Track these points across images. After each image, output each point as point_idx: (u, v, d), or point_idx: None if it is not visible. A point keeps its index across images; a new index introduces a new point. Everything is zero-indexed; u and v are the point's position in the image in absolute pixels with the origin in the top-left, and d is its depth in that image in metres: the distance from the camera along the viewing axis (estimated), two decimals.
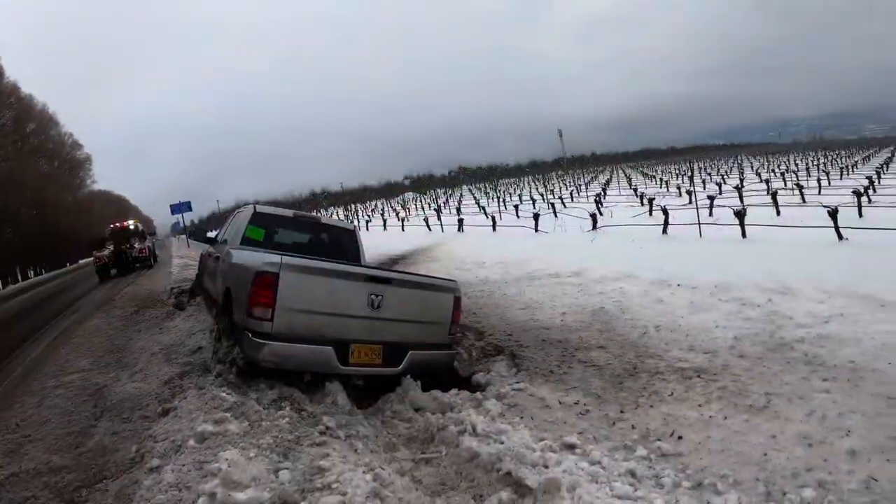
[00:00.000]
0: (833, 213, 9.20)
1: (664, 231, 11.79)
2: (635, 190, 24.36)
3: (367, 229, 29.56)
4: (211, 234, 7.86)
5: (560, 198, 25.13)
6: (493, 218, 17.99)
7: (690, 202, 14.31)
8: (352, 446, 3.84)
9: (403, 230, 23.46)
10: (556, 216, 17.73)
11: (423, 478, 3.64)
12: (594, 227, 13.78)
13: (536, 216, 15.68)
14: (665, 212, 12.11)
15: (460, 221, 18.87)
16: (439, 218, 21.59)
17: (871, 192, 15.32)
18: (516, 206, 21.78)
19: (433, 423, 4.22)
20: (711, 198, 15.22)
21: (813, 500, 2.95)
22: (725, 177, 31.55)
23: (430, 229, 20.61)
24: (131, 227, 26.37)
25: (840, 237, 8.83)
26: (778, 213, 13.24)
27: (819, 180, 21.34)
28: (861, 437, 3.42)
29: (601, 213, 15.99)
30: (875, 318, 5.11)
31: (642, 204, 17.93)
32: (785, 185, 21.09)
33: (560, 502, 3.12)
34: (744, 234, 10.19)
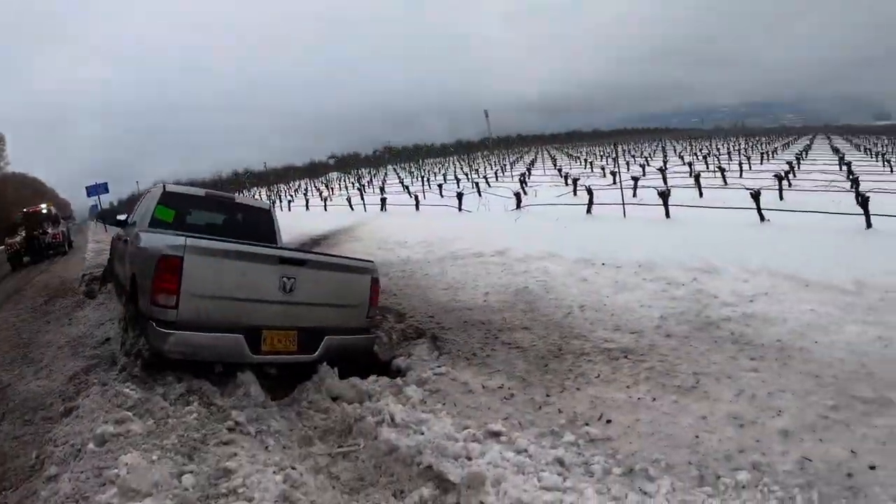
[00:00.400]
0: (756, 196, 9.60)
1: (588, 211, 12.01)
2: (560, 170, 24.81)
3: (290, 209, 29.48)
4: (122, 217, 7.62)
5: (485, 177, 25.41)
6: (417, 197, 18.09)
7: (615, 183, 14.66)
8: (262, 443, 3.69)
9: (326, 210, 23.56)
10: (480, 195, 17.87)
11: (340, 473, 3.49)
12: (518, 206, 13.95)
13: (460, 195, 15.80)
14: (590, 192, 12.33)
15: (383, 201, 19.06)
16: (362, 198, 21.94)
17: (791, 176, 16.23)
18: (440, 186, 21.97)
19: (350, 414, 4.09)
20: (635, 179, 15.64)
21: (748, 484, 2.94)
22: (649, 159, 32.69)
23: (352, 209, 20.76)
24: (44, 211, 24.91)
25: (762, 218, 9.22)
26: (701, 194, 13.77)
27: (741, 164, 22.52)
28: (792, 417, 3.47)
29: (525, 193, 16.17)
30: (800, 298, 5.29)
31: (567, 184, 18.24)
32: (707, 168, 22.04)
33: (485, 497, 2.99)
34: (668, 215, 10.49)
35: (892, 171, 21.10)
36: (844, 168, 18.55)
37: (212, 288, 4.23)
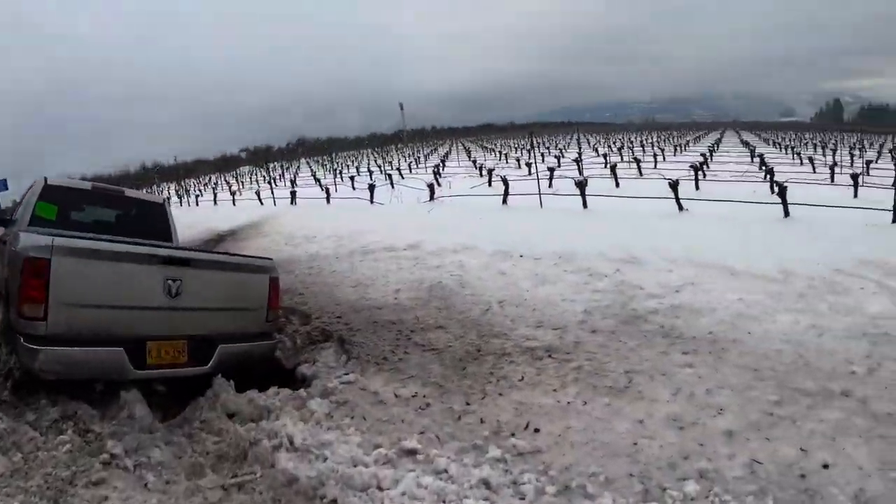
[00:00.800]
0: (674, 185, 9.76)
1: (504, 202, 12.00)
2: (474, 162, 25.04)
3: (197, 204, 29.09)
4: (7, 216, 7.12)
5: (398, 169, 25.46)
6: (328, 190, 18.03)
7: (530, 174, 14.73)
8: (141, 479, 3.29)
9: (235, 205, 23.36)
10: (393, 187, 17.81)
11: None
12: (431, 197, 13.88)
13: (372, 187, 15.77)
14: (505, 182, 12.32)
15: (293, 194, 19.05)
16: (272, 191, 21.92)
17: (706, 167, 16.92)
18: (352, 178, 22.02)
19: (244, 437, 3.67)
20: (551, 169, 15.82)
21: (697, 495, 2.73)
22: (564, 150, 33.41)
23: (262, 203, 20.62)
24: None
25: (681, 208, 9.39)
26: (617, 184, 14.06)
27: (655, 156, 23.47)
28: (735, 415, 3.34)
29: (439, 184, 16.09)
30: (727, 287, 5.30)
31: (481, 175, 18.29)
32: (622, 159, 22.68)
33: None
34: (585, 205, 10.56)
35: (801, 163, 22.46)
36: (756, 160, 19.52)
37: (86, 295, 3.86)
